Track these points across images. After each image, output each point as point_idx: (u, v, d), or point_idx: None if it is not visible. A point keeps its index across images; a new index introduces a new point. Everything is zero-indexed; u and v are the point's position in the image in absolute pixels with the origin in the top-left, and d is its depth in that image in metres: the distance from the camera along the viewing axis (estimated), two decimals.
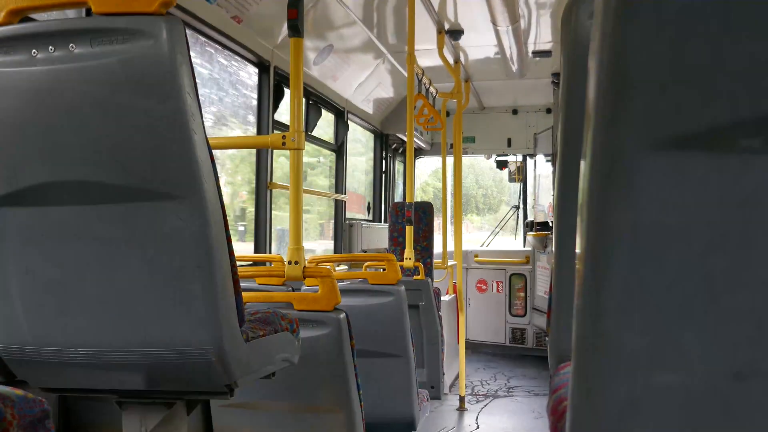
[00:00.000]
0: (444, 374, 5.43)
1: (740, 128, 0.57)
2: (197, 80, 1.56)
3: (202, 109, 1.58)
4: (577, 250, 0.66)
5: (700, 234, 0.59)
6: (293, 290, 3.31)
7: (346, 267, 6.16)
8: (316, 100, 6.03)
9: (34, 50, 1.52)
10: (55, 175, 1.57)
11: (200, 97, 1.57)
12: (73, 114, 1.53)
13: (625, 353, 0.62)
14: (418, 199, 7.10)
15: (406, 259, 4.99)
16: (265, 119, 4.88)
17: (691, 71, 0.58)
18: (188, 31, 3.49)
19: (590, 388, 0.65)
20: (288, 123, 2.73)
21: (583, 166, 0.65)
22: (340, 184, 6.75)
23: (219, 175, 1.64)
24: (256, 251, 4.92)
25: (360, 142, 7.99)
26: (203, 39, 4.18)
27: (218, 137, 2.89)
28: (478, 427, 5.54)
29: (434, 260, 6.36)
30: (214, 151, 1.67)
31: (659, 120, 0.60)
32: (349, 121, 6.88)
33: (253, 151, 4.84)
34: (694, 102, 0.58)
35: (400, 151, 8.74)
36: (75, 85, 1.52)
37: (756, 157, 0.58)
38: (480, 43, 6.30)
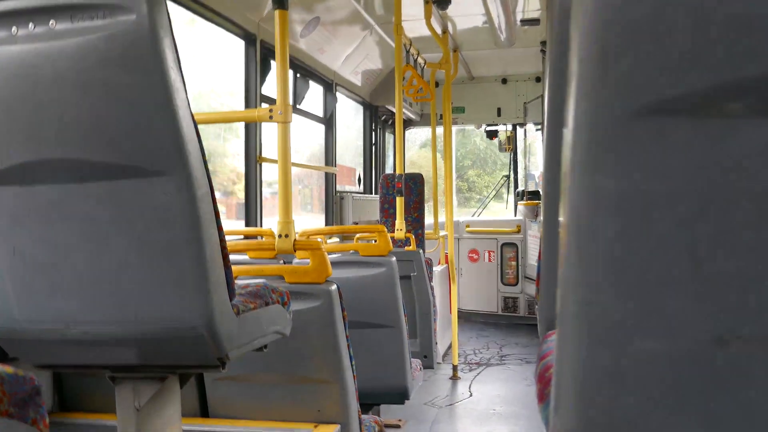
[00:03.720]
0: (437, 344, 5.47)
1: (723, 93, 0.57)
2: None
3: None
4: (561, 218, 0.66)
5: (685, 200, 0.59)
6: (284, 263, 3.32)
7: (337, 239, 6.17)
8: (303, 73, 6.00)
9: (14, 27, 1.50)
10: (40, 153, 1.56)
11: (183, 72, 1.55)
12: (55, 91, 1.52)
13: (609, 320, 0.63)
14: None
15: (397, 230, 5.00)
16: (252, 93, 4.86)
17: (672, 35, 0.58)
18: (171, 5, 3.46)
19: (574, 355, 0.65)
20: (275, 97, 2.72)
21: (567, 134, 0.65)
22: (329, 157, 6.73)
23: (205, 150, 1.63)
24: (246, 225, 4.92)
25: (348, 114, 7.96)
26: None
27: (204, 112, 2.87)
28: (471, 395, 5.60)
29: (426, 231, 6.37)
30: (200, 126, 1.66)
31: (641, 86, 0.59)
32: (337, 93, 6.84)
33: None
34: (676, 67, 0.58)
35: (389, 122, 8.71)
36: (57, 62, 1.50)
37: (739, 121, 0.57)
38: (468, 12, 6.26)
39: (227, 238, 1.75)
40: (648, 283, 0.61)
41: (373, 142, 8.30)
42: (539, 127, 8.67)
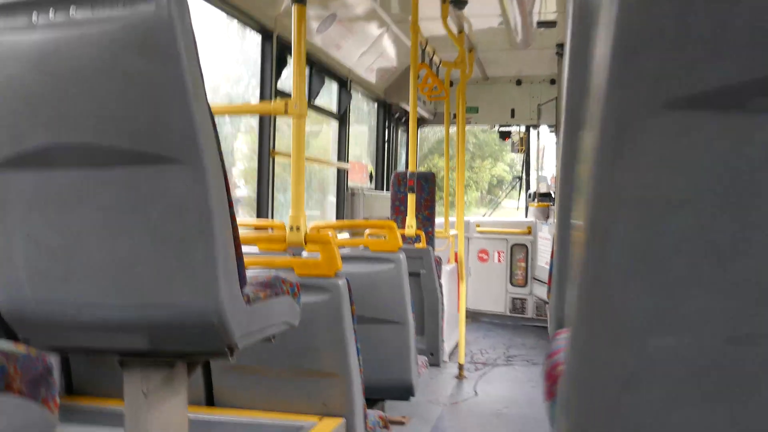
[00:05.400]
0: (443, 342, 5.46)
1: (748, 88, 0.57)
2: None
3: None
4: (580, 215, 0.66)
5: (707, 197, 0.59)
6: (294, 256, 3.33)
7: (347, 234, 6.18)
8: (319, 69, 6.01)
9: (34, 15, 1.52)
10: (57, 138, 1.59)
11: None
12: (74, 79, 1.54)
13: (626, 318, 0.62)
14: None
15: (408, 227, 5.00)
16: (267, 87, 4.87)
17: (698, 31, 0.57)
18: None
19: (588, 353, 0.65)
20: (290, 92, 2.73)
21: (589, 131, 0.64)
22: (342, 153, 6.74)
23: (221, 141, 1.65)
24: (258, 218, 4.93)
25: (362, 110, 7.96)
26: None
27: (220, 104, 2.89)
28: (476, 395, 5.59)
29: (436, 229, 6.37)
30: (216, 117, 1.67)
31: (667, 81, 0.59)
32: (352, 90, 6.85)
33: None
34: (702, 62, 0.58)
35: (403, 120, 8.71)
36: (76, 50, 1.52)
37: (763, 117, 0.57)
38: (484, 12, 6.24)
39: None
40: (667, 281, 0.60)
41: (386, 139, 8.30)
42: (553, 129, 8.64)
